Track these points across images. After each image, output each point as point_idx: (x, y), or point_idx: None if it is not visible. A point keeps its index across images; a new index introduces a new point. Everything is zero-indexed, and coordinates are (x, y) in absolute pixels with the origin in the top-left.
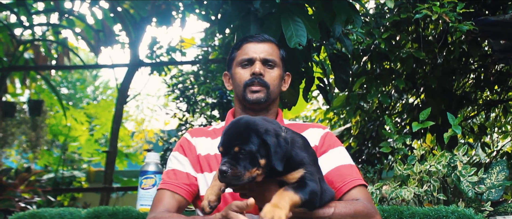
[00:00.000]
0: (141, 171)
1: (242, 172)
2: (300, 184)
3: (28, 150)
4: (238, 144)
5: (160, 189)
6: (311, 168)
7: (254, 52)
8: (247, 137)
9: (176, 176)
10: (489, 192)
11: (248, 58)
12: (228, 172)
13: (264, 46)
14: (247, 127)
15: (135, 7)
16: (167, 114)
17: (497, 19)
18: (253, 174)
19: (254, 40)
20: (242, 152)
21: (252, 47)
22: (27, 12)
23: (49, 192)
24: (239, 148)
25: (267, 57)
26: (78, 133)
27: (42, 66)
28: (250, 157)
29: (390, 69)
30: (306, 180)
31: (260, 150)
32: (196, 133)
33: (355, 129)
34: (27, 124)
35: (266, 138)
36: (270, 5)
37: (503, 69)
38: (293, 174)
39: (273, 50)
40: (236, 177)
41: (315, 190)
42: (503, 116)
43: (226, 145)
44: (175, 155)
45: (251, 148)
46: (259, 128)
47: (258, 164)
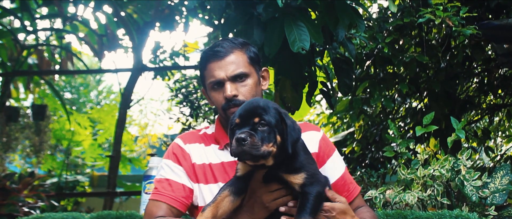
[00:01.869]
0: (144, 176)
1: (260, 143)
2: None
3: (31, 154)
4: (259, 114)
5: (154, 200)
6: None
7: (220, 72)
8: (268, 110)
9: (172, 187)
10: (493, 197)
11: (217, 81)
12: (247, 140)
13: (229, 59)
14: (266, 104)
15: (139, 12)
16: (171, 118)
17: (500, 23)
18: (269, 148)
19: (216, 58)
20: (262, 122)
21: (217, 66)
22: (31, 17)
23: (52, 197)
24: (259, 118)
25: (235, 73)
26: (81, 138)
27: (45, 71)
28: (268, 130)
29: (394, 74)
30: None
31: (278, 126)
32: (188, 138)
33: (359, 133)
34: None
35: (285, 117)
36: (273, 10)
37: (507, 73)
38: (295, 178)
39: (239, 59)
40: (255, 147)
41: (319, 193)
42: (507, 120)
43: (244, 116)
44: (168, 163)
45: (271, 120)
46: (278, 107)
47: (275, 140)
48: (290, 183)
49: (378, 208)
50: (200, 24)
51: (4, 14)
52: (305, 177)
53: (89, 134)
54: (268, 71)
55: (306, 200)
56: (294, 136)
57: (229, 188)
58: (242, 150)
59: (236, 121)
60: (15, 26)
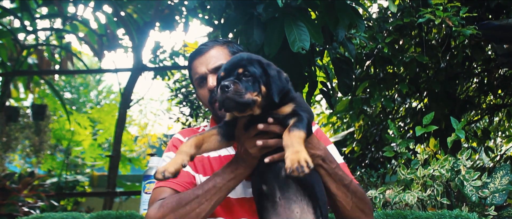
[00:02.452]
0: (144, 176)
1: (244, 91)
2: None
3: (31, 154)
4: (243, 65)
5: (159, 187)
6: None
7: (202, 67)
8: (252, 62)
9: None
10: (493, 197)
11: (200, 76)
12: (231, 86)
13: (209, 54)
14: (250, 57)
15: (139, 12)
16: (170, 118)
17: (500, 24)
18: (253, 96)
19: (198, 54)
20: (245, 73)
21: (199, 63)
22: (31, 17)
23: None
24: (243, 69)
25: (216, 65)
26: (81, 138)
27: (45, 71)
28: (253, 80)
29: (393, 74)
30: (299, 112)
31: (262, 77)
32: (187, 134)
33: (359, 133)
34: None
35: (268, 69)
36: (273, 10)
37: (507, 74)
38: (284, 107)
39: (220, 52)
40: (238, 94)
41: (309, 119)
42: (507, 120)
43: (228, 69)
44: (169, 155)
45: (255, 71)
46: (262, 60)
47: (259, 89)
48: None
49: (378, 208)
50: (200, 24)
51: (4, 14)
52: (294, 106)
53: (89, 133)
54: None
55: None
56: (280, 85)
57: (218, 129)
58: (226, 97)
59: (221, 74)
60: (15, 26)
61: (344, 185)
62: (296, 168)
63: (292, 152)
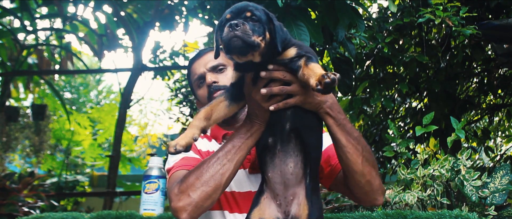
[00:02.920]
0: (144, 176)
1: (251, 32)
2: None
3: (31, 154)
4: (250, 10)
5: (175, 172)
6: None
7: (201, 67)
8: (258, 9)
9: (189, 160)
10: (493, 196)
11: (199, 76)
12: (240, 25)
13: (207, 56)
14: (255, 5)
15: (138, 12)
16: (171, 118)
17: (500, 23)
18: (258, 40)
19: (197, 58)
20: (253, 17)
21: (197, 64)
22: (31, 17)
23: (52, 197)
24: (251, 13)
25: (213, 64)
26: (81, 137)
27: (45, 71)
28: (259, 25)
29: (393, 73)
30: (304, 53)
31: (267, 24)
32: None
33: None
34: (31, 128)
35: (273, 18)
36: (273, 10)
37: (507, 73)
38: (287, 52)
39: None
40: (246, 34)
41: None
42: (507, 120)
43: (235, 12)
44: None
45: (262, 16)
46: (266, 10)
47: (264, 35)
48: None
49: (377, 208)
50: (200, 24)
51: (4, 14)
52: (297, 48)
53: (89, 133)
54: None
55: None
56: (282, 35)
57: (225, 94)
58: (234, 35)
59: (227, 16)
60: (15, 26)
61: (354, 138)
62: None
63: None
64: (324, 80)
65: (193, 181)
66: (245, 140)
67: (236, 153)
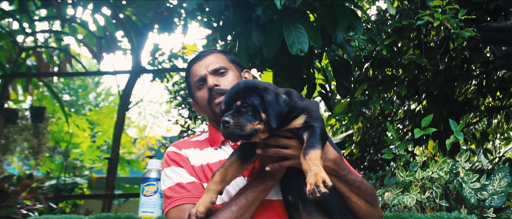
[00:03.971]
0: (143, 178)
1: (244, 123)
2: (309, 132)
3: (30, 156)
4: (240, 97)
5: (175, 207)
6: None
7: (201, 70)
8: (248, 93)
9: (185, 188)
10: (492, 199)
11: (199, 78)
12: (231, 122)
13: (209, 59)
14: (247, 85)
15: (137, 14)
16: (169, 120)
17: (498, 26)
18: (255, 126)
19: (197, 59)
20: (244, 105)
21: (198, 66)
22: (30, 19)
23: (51, 199)
24: (241, 102)
25: (215, 67)
26: (80, 140)
27: (44, 73)
28: (252, 110)
29: (392, 76)
30: (311, 123)
31: (261, 104)
32: (182, 145)
33: (357, 136)
34: (29, 130)
35: (264, 94)
36: (272, 12)
37: (505, 76)
38: (296, 121)
39: (219, 58)
40: (238, 127)
41: (323, 129)
42: (505, 122)
43: (228, 102)
44: (171, 170)
45: (253, 100)
46: (258, 85)
47: (260, 117)
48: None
49: None
50: (199, 26)
51: (3, 16)
52: (306, 117)
53: (88, 136)
54: (249, 72)
55: (313, 131)
56: (277, 109)
57: (237, 153)
58: (228, 132)
59: (222, 108)
60: (14, 28)
61: (356, 187)
62: (313, 190)
63: (311, 175)
64: (315, 194)
65: None
66: (258, 194)
67: (249, 208)
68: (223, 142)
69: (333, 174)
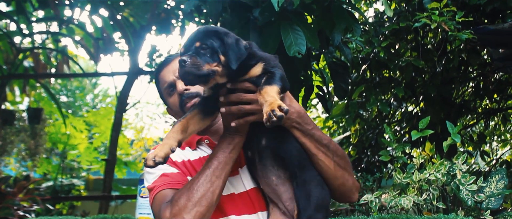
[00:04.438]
0: (140, 179)
1: (201, 63)
2: (267, 75)
3: (27, 158)
4: (199, 38)
5: (160, 191)
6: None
7: (169, 75)
8: (209, 36)
9: (169, 176)
10: (489, 201)
11: (168, 84)
12: (188, 61)
13: (175, 62)
14: (207, 29)
15: (135, 15)
16: (167, 122)
17: (496, 28)
18: (212, 67)
19: (164, 65)
20: (203, 46)
21: (166, 71)
22: (27, 20)
23: (48, 200)
24: (200, 43)
25: None
26: (77, 141)
27: (41, 74)
28: (211, 52)
29: (389, 78)
30: (270, 69)
31: (221, 47)
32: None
33: (355, 137)
34: (26, 132)
35: (224, 37)
36: (269, 14)
37: (502, 78)
38: (254, 69)
39: None
40: (195, 66)
41: (282, 74)
42: (502, 124)
43: (187, 44)
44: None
45: (212, 42)
46: (219, 30)
47: (219, 59)
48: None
49: (373, 213)
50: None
51: (0, 17)
52: (264, 64)
53: (85, 137)
54: None
55: (272, 74)
56: (238, 52)
57: (198, 107)
58: (184, 71)
59: (181, 50)
60: (11, 29)
61: (323, 145)
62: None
63: (267, 105)
64: (271, 119)
65: (185, 202)
66: (229, 153)
67: (223, 168)
68: (198, 141)
69: (296, 127)
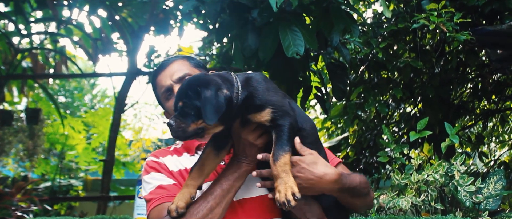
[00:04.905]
0: (138, 180)
1: (186, 124)
2: (276, 133)
3: (25, 158)
4: (181, 98)
5: (155, 207)
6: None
7: (167, 79)
8: (190, 92)
9: (166, 189)
10: (487, 202)
11: (166, 88)
12: (172, 124)
13: (172, 67)
14: (189, 83)
15: (133, 16)
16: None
17: (494, 29)
18: (199, 125)
19: (161, 69)
20: (186, 105)
21: (163, 76)
22: (25, 20)
23: (46, 201)
24: (182, 103)
25: (179, 75)
26: (75, 142)
27: (40, 74)
28: (195, 109)
29: (388, 79)
30: (278, 121)
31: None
32: (160, 154)
33: (353, 138)
34: (25, 132)
35: (202, 91)
36: (268, 15)
37: (500, 79)
38: (261, 114)
39: (182, 65)
40: (181, 129)
41: (291, 124)
42: (501, 126)
43: (175, 104)
44: (150, 176)
45: (193, 101)
46: (199, 82)
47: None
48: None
49: (372, 214)
50: (195, 28)
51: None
52: (272, 112)
53: (83, 137)
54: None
55: (280, 132)
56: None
57: (211, 144)
58: (175, 134)
59: (173, 109)
60: (9, 29)
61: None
62: (284, 203)
63: (281, 183)
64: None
65: None
66: (233, 182)
67: (224, 197)
68: (198, 147)
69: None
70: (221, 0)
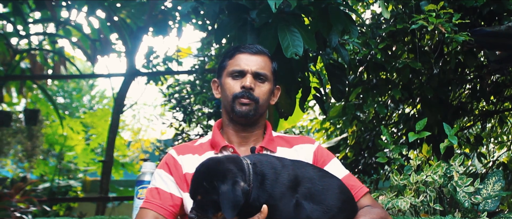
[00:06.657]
0: (137, 181)
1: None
2: None
3: (24, 159)
4: (200, 192)
5: (142, 208)
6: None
7: (246, 64)
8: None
9: (160, 195)
10: (486, 203)
11: (240, 70)
12: (194, 217)
13: (257, 58)
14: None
15: (132, 17)
16: (164, 123)
17: (492, 30)
18: (219, 217)
19: (247, 51)
20: (204, 199)
21: (245, 59)
22: (24, 21)
23: (44, 202)
24: (201, 196)
25: (259, 71)
26: (74, 142)
27: (38, 75)
28: (212, 203)
29: (387, 80)
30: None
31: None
32: (182, 150)
33: (352, 139)
34: (23, 133)
35: (220, 185)
36: (266, 15)
37: (499, 80)
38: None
39: (266, 63)
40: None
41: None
42: (499, 126)
43: (191, 193)
44: (160, 172)
45: (211, 196)
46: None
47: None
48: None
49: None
50: (194, 29)
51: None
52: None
53: (82, 138)
54: (279, 90)
55: None
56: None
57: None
58: None
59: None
60: (8, 30)
61: None
62: None
63: None
64: None
65: None
66: None
67: None
68: (224, 147)
69: None
70: (220, 1)
